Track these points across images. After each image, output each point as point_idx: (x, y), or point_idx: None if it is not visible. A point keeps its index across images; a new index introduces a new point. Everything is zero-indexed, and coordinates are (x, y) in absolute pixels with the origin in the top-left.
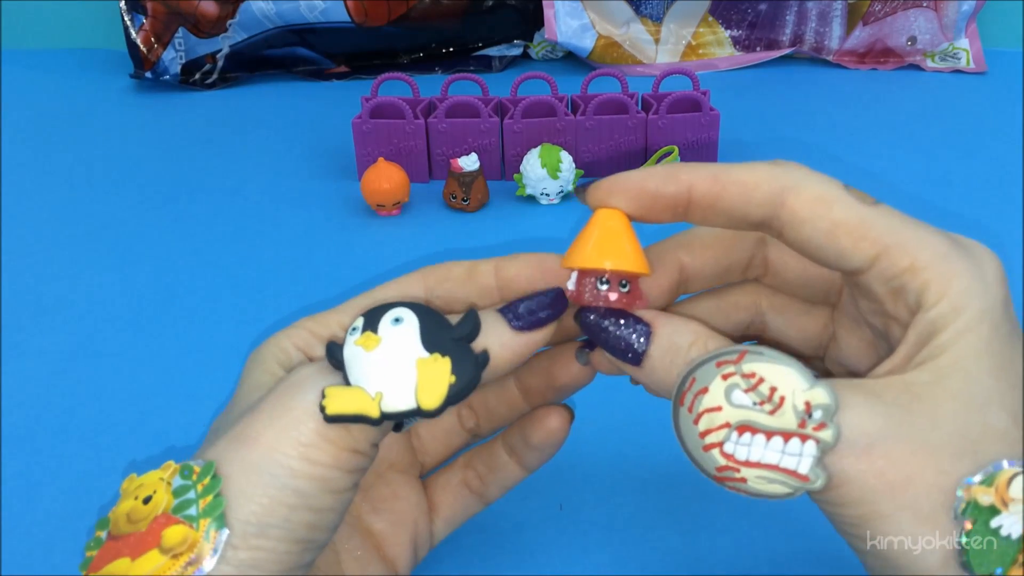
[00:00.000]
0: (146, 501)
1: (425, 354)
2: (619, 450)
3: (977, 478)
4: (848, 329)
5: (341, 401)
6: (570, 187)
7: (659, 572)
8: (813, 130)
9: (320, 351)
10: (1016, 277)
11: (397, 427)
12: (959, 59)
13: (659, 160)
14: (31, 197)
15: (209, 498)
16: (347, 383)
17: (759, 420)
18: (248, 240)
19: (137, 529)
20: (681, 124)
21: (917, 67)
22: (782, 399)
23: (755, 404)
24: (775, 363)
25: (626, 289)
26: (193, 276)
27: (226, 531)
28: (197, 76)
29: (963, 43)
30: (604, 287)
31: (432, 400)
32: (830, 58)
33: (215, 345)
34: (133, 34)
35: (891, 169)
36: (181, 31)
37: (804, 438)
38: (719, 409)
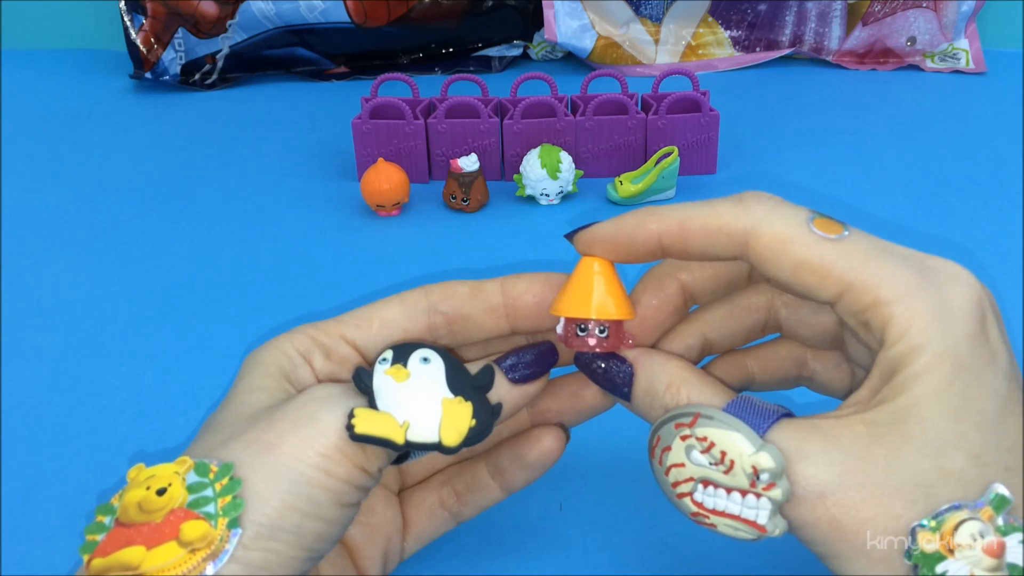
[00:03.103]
0: (160, 493)
1: (450, 395)
2: (619, 450)
3: (927, 522)
4: (851, 334)
5: (370, 423)
6: (570, 187)
7: (659, 572)
8: (813, 130)
9: (320, 359)
10: (1016, 278)
11: (400, 459)
12: (959, 59)
13: (659, 160)
14: (31, 197)
15: (228, 498)
16: (373, 407)
17: (716, 478)
18: (248, 240)
19: (151, 519)
20: (681, 124)
21: (917, 67)
22: (732, 462)
23: (711, 464)
24: (724, 428)
25: (604, 334)
26: (193, 276)
27: (239, 531)
28: (197, 76)
29: (963, 43)
30: (583, 334)
31: (453, 438)
32: (830, 58)
33: (214, 345)
34: (133, 34)
35: (891, 169)
36: (181, 31)
37: (758, 495)
38: (683, 465)
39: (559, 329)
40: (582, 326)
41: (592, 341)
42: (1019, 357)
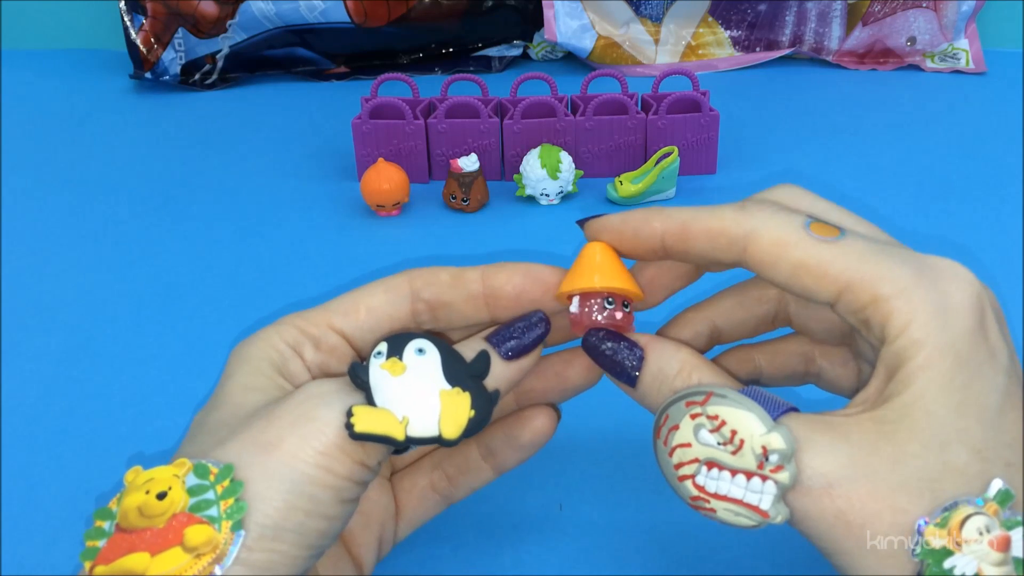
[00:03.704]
0: (160, 497)
1: (447, 386)
2: (619, 450)
3: (933, 518)
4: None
5: (370, 421)
6: (570, 187)
7: (659, 571)
8: (813, 130)
9: (309, 351)
10: (1016, 278)
11: (400, 450)
12: (958, 59)
13: (658, 160)
14: (31, 197)
15: (231, 501)
16: (370, 403)
17: (723, 459)
18: (248, 241)
19: (153, 524)
20: (681, 124)
21: (917, 67)
22: (742, 442)
23: (719, 444)
24: (736, 407)
25: (628, 309)
26: (193, 277)
27: (243, 533)
28: (197, 76)
29: (962, 43)
30: (611, 307)
31: (453, 431)
32: (830, 58)
33: (214, 346)
34: (133, 34)
35: (891, 169)
36: (181, 31)
37: (764, 478)
38: (689, 445)
39: (574, 308)
40: (609, 299)
41: (619, 315)
42: (1020, 356)
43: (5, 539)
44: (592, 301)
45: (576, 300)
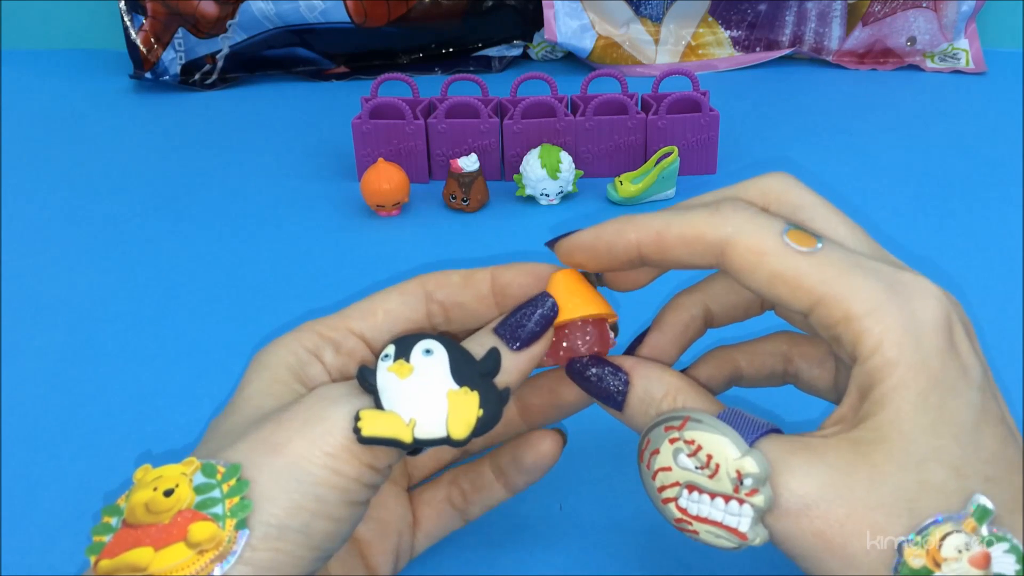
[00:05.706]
0: (167, 494)
1: (455, 386)
2: (619, 450)
3: (912, 537)
4: None
5: (377, 424)
6: (570, 187)
7: (659, 572)
8: (813, 130)
9: (330, 354)
10: (1016, 278)
11: (413, 452)
12: (958, 59)
13: (658, 160)
14: (31, 197)
15: (236, 499)
16: (378, 406)
17: (702, 482)
18: (248, 241)
19: (159, 520)
20: (681, 124)
21: (917, 67)
22: (717, 466)
23: (697, 468)
24: (711, 432)
25: (594, 344)
26: (193, 276)
27: (247, 532)
28: (197, 76)
29: (962, 43)
30: (589, 336)
31: (462, 431)
32: (830, 58)
33: (214, 345)
34: (133, 34)
35: (890, 169)
36: (181, 31)
37: (741, 501)
38: (669, 469)
39: (587, 338)
40: (588, 328)
41: (594, 341)
42: (1021, 358)
43: (5, 539)
44: (568, 331)
45: (571, 334)
